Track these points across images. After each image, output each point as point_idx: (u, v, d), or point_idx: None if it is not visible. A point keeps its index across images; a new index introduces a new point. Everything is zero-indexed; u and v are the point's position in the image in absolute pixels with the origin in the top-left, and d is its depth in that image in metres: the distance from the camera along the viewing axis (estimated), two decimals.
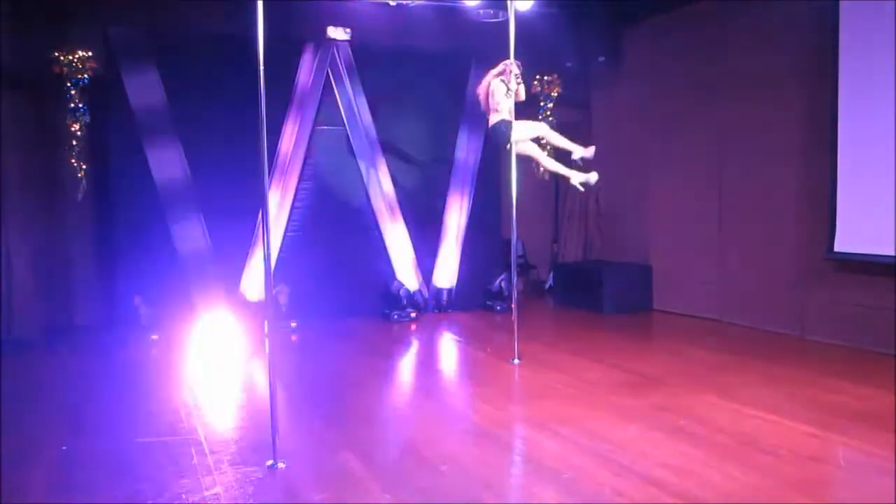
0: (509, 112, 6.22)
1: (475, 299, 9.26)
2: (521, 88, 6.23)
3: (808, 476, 3.85)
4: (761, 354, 6.54)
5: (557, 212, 10.54)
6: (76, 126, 7.65)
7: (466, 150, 9.30)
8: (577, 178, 6.01)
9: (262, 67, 4.13)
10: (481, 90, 6.29)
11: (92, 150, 7.83)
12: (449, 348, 7.77)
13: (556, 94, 9.58)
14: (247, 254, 8.23)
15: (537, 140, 6.60)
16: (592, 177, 6.02)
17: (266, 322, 4.43)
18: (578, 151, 6.16)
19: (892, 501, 3.48)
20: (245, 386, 6.14)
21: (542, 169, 9.52)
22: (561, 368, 6.21)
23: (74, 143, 7.69)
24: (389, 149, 8.91)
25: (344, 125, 8.72)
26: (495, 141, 6.10)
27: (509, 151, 6.34)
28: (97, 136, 7.84)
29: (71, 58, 7.55)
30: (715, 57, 8.06)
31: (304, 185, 8.56)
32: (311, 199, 8.62)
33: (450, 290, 9.23)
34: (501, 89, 6.12)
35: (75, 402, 5.48)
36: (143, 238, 7.82)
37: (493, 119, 6.23)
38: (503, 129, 5.96)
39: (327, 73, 8.57)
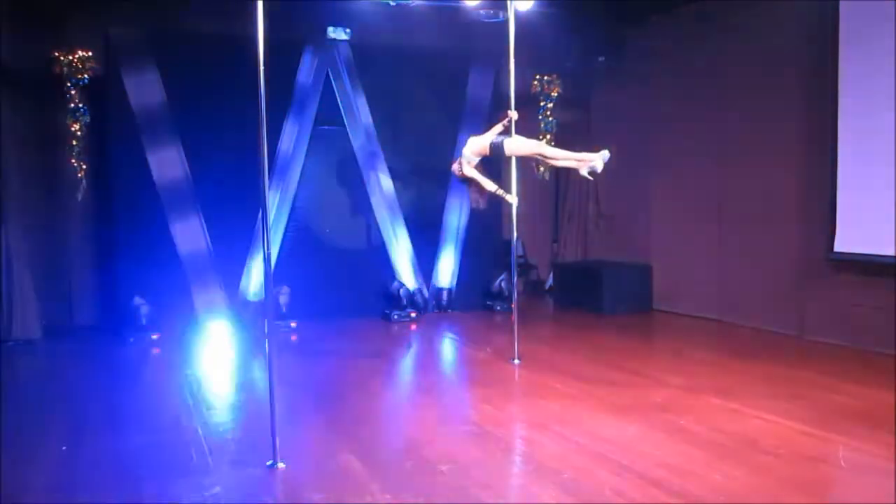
0: (503, 128, 6.05)
1: (475, 299, 9.25)
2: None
3: (807, 476, 3.85)
4: (761, 354, 6.54)
5: (557, 212, 10.55)
6: (76, 126, 7.66)
7: None
8: (584, 169, 5.75)
9: (262, 67, 4.13)
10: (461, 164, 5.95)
11: (92, 150, 7.84)
12: (449, 348, 7.77)
13: (556, 94, 9.58)
14: (247, 254, 8.23)
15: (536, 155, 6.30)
16: (599, 163, 5.69)
17: (266, 322, 4.42)
18: (585, 167, 5.58)
19: (892, 502, 3.48)
20: (245, 386, 6.13)
21: (542, 169, 9.55)
22: (561, 368, 6.21)
23: (74, 143, 7.70)
24: (389, 149, 8.91)
25: (344, 125, 8.72)
26: (497, 158, 6.01)
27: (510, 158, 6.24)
28: (97, 136, 7.85)
29: (71, 58, 7.56)
30: (715, 57, 8.06)
31: (304, 185, 8.56)
32: (311, 199, 8.62)
33: (450, 290, 9.22)
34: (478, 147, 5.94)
35: (75, 402, 5.48)
36: (143, 238, 7.82)
37: (487, 149, 5.98)
38: (496, 148, 5.86)
39: (327, 73, 8.57)
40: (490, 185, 5.94)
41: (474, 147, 5.94)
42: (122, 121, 7.78)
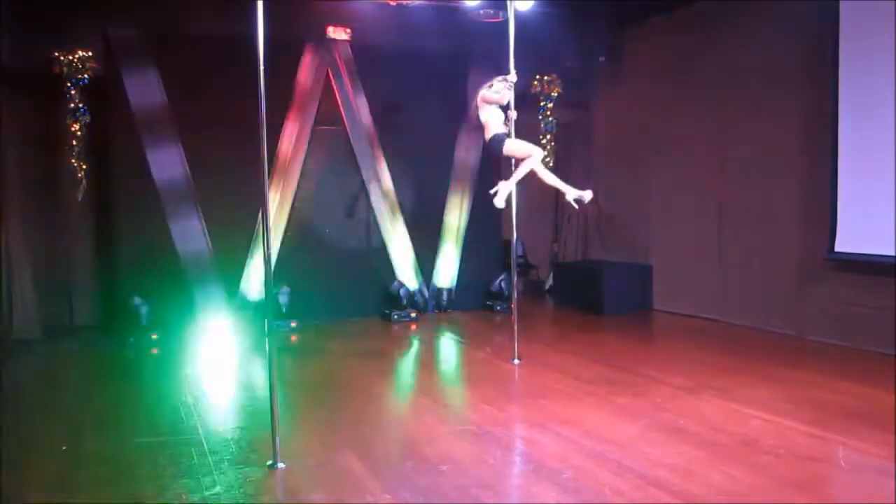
0: (504, 125, 6.08)
1: (475, 299, 9.25)
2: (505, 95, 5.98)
3: (807, 476, 3.85)
4: (761, 354, 6.54)
5: (557, 212, 10.54)
6: (76, 126, 7.66)
7: (466, 150, 9.30)
8: (572, 194, 5.96)
9: (262, 67, 4.13)
10: (474, 108, 6.07)
11: (92, 150, 7.83)
12: (449, 348, 7.77)
13: (556, 94, 9.57)
14: (247, 254, 8.23)
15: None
16: (587, 195, 5.90)
17: (266, 322, 4.42)
18: (572, 193, 5.88)
19: (892, 502, 3.48)
20: (245, 386, 6.14)
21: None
22: (561, 368, 6.21)
23: (74, 143, 7.69)
24: (389, 149, 8.91)
25: (344, 125, 8.72)
26: (491, 154, 6.05)
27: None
28: (97, 136, 7.84)
29: (71, 58, 7.55)
30: (715, 57, 8.05)
31: (304, 185, 8.56)
32: (311, 199, 8.62)
33: (450, 290, 9.22)
34: (488, 110, 5.93)
35: (75, 402, 5.48)
36: (143, 238, 7.81)
37: (488, 134, 6.04)
38: (496, 143, 5.91)
39: (327, 73, 8.57)
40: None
41: (489, 112, 5.85)
42: (122, 121, 7.78)
